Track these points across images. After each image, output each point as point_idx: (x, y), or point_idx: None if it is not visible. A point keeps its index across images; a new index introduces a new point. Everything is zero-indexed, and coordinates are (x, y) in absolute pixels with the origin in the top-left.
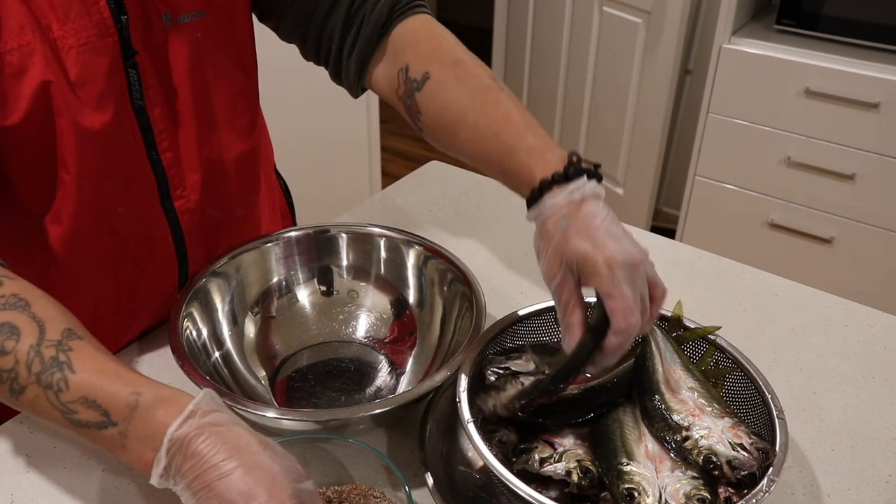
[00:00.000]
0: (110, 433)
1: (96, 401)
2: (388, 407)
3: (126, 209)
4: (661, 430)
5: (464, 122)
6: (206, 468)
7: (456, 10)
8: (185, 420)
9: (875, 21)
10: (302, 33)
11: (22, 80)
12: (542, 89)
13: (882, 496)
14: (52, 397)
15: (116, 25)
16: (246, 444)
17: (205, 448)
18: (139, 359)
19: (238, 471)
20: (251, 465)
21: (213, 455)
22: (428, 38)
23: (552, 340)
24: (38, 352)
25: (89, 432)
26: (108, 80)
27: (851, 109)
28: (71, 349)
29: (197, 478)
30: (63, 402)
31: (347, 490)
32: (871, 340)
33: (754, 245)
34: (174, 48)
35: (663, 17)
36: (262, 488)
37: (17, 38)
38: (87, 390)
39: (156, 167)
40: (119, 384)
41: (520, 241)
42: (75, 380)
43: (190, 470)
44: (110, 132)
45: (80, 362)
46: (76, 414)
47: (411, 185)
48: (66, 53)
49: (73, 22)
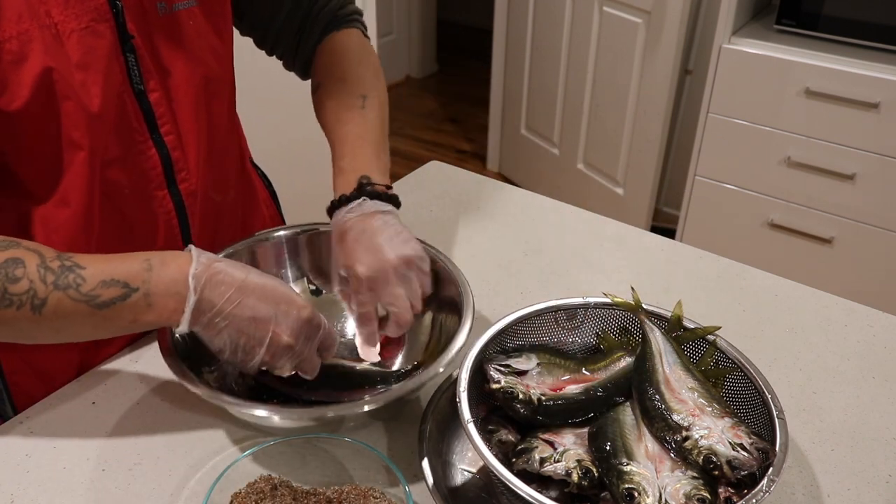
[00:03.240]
0: (135, 299)
1: (113, 278)
2: (376, 405)
3: (132, 191)
4: (661, 430)
5: (325, 129)
6: (229, 296)
7: (456, 10)
8: (198, 261)
9: (875, 21)
10: (260, 34)
11: (22, 67)
12: (542, 89)
13: (882, 496)
14: (73, 294)
15: (112, 11)
16: (250, 279)
17: (223, 278)
18: (137, 359)
19: (252, 300)
20: (261, 295)
21: (227, 288)
22: (332, 52)
23: (552, 340)
24: (46, 267)
25: (115, 309)
26: (108, 64)
27: (851, 109)
28: (71, 258)
29: (228, 300)
30: (85, 293)
31: (347, 490)
32: (871, 340)
33: (754, 245)
34: (169, 35)
35: (663, 17)
36: (272, 310)
37: (15, 26)
38: (102, 275)
39: (160, 149)
40: (127, 261)
41: (520, 241)
42: (88, 273)
43: (219, 296)
44: (114, 114)
45: (85, 261)
46: (100, 297)
47: (411, 185)
48: (68, 37)
49: (73, 7)
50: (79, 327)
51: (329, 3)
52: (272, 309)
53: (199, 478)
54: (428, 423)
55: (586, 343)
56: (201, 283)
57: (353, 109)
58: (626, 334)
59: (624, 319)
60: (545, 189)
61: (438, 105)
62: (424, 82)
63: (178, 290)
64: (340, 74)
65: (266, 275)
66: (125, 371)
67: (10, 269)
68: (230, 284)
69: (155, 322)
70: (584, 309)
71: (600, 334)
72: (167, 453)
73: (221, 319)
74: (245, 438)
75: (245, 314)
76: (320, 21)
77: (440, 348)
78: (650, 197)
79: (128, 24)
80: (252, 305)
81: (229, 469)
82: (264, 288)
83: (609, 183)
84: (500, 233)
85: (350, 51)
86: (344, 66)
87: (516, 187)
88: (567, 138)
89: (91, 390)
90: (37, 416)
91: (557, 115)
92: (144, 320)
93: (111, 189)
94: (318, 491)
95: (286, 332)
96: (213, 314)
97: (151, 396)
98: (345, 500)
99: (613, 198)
